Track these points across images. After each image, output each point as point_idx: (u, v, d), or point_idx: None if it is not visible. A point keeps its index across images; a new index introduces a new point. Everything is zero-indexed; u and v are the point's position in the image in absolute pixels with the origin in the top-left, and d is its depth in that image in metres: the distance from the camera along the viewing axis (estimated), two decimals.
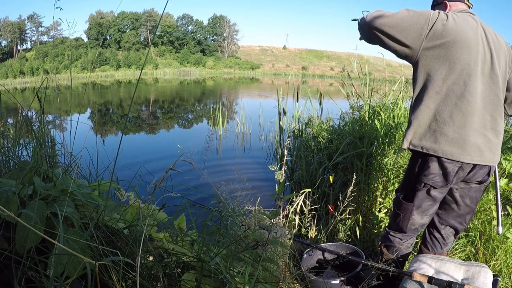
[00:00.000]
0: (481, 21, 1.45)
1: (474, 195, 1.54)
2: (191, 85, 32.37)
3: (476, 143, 1.37)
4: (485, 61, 1.37)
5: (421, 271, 1.48)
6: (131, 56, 54.12)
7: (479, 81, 1.35)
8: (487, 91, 1.37)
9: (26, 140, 1.62)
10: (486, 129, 1.39)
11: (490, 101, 1.38)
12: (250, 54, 70.23)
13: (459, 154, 1.36)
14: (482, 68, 1.36)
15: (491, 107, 1.39)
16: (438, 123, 1.37)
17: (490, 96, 1.38)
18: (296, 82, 5.04)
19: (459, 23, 1.34)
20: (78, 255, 0.68)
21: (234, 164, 4.65)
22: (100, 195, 1.23)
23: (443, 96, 1.36)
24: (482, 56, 1.36)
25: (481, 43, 1.37)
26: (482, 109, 1.37)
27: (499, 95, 1.41)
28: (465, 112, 1.34)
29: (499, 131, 1.43)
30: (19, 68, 44.53)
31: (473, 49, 1.34)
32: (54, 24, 47.43)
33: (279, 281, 1.20)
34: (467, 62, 1.33)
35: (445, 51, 1.34)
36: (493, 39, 1.42)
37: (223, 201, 1.41)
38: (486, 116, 1.38)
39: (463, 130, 1.35)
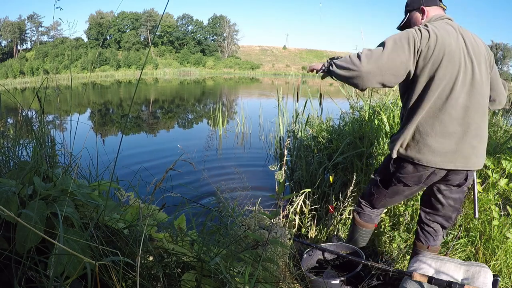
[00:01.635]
0: (459, 26, 1.50)
1: (457, 197, 1.63)
2: (191, 85, 32.37)
3: (455, 151, 1.46)
4: (466, 72, 1.43)
5: (421, 271, 1.48)
6: (131, 56, 54.12)
7: (461, 92, 1.42)
8: (469, 100, 1.44)
9: (26, 140, 1.62)
10: (469, 136, 1.46)
11: (473, 110, 1.45)
12: (250, 54, 70.24)
13: (442, 162, 1.47)
14: (463, 79, 1.42)
15: (474, 115, 1.45)
16: (421, 135, 1.48)
17: (473, 104, 1.45)
18: (296, 82, 5.04)
19: (441, 36, 1.39)
20: (78, 255, 0.68)
21: (234, 164, 4.65)
22: (100, 195, 1.23)
23: (426, 110, 1.45)
24: (463, 67, 1.42)
25: (462, 54, 1.42)
26: (464, 118, 1.45)
27: (481, 102, 1.47)
28: (447, 123, 1.44)
29: (483, 137, 1.51)
30: (19, 68, 44.53)
31: (455, 62, 1.40)
32: (54, 24, 47.43)
33: (279, 281, 1.20)
34: (450, 76, 1.40)
35: (430, 69, 1.40)
36: (472, 45, 1.46)
37: (223, 201, 1.41)
38: (469, 124, 1.45)
39: (444, 139, 1.45)
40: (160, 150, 6.03)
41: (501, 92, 1.65)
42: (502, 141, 2.99)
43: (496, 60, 9.07)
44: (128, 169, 1.84)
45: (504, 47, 49.69)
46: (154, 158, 5.22)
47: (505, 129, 3.37)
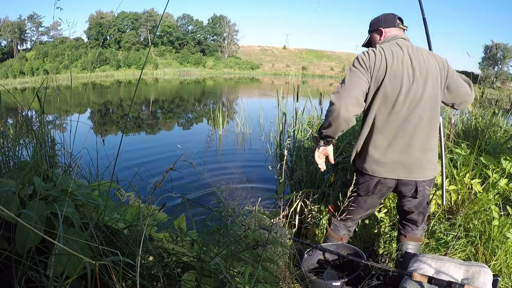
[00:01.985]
0: (411, 45, 1.62)
1: (417, 203, 1.77)
2: (191, 85, 32.36)
3: (398, 162, 1.60)
4: (410, 89, 1.53)
5: (421, 271, 1.48)
6: (131, 56, 54.10)
7: (403, 107, 1.54)
8: (411, 115, 1.55)
9: (26, 140, 1.62)
10: (411, 149, 1.59)
11: (415, 124, 1.57)
12: (250, 54, 70.20)
13: (385, 172, 1.62)
14: (405, 95, 1.53)
15: (416, 129, 1.57)
16: (368, 146, 1.65)
17: (415, 119, 1.56)
18: (296, 82, 5.03)
19: (385, 56, 1.53)
20: (78, 255, 0.68)
21: (234, 164, 4.65)
22: (100, 195, 1.23)
23: (371, 123, 1.62)
24: (406, 85, 1.53)
25: (406, 72, 1.53)
26: (406, 132, 1.57)
27: (424, 117, 1.57)
28: (389, 136, 1.58)
29: (428, 149, 1.62)
30: (19, 68, 44.49)
31: (397, 80, 1.52)
32: (54, 24, 47.42)
33: (279, 281, 1.20)
34: (392, 92, 1.53)
35: (374, 86, 1.55)
36: (420, 64, 1.56)
37: (223, 201, 1.41)
38: (411, 138, 1.58)
39: (386, 152, 1.60)
40: (160, 150, 6.02)
41: (464, 94, 1.72)
42: (502, 141, 2.99)
43: (496, 60, 9.01)
44: (128, 169, 1.84)
45: (504, 47, 49.62)
46: (154, 158, 5.22)
47: (505, 129, 3.36)
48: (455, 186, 2.46)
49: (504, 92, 5.99)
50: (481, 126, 3.27)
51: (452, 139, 3.04)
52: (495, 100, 4.33)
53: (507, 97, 5.28)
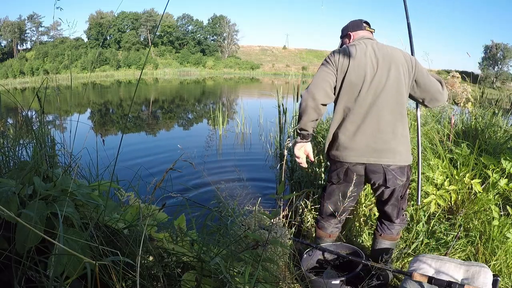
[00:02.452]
0: (376, 42, 1.77)
1: (390, 195, 1.82)
2: (191, 85, 32.36)
3: (366, 145, 1.67)
4: (374, 75, 1.64)
5: (421, 271, 1.49)
6: (131, 56, 54.09)
7: (368, 94, 1.64)
8: (377, 99, 1.64)
9: (26, 140, 1.62)
10: (380, 133, 1.66)
11: (381, 108, 1.65)
12: (250, 54, 70.18)
13: (354, 157, 1.70)
14: (370, 82, 1.64)
15: (383, 112, 1.65)
16: (338, 135, 1.74)
17: (381, 103, 1.64)
18: (296, 82, 5.03)
19: (348, 51, 1.67)
20: (78, 255, 0.68)
21: (234, 164, 4.65)
22: (100, 195, 1.23)
23: (341, 112, 1.72)
24: (370, 71, 1.64)
25: (369, 61, 1.65)
26: (373, 116, 1.65)
27: (390, 101, 1.66)
28: (356, 122, 1.67)
29: (396, 133, 1.69)
30: (19, 68, 44.47)
31: (361, 68, 1.64)
32: (54, 24, 47.40)
33: (279, 281, 1.20)
34: (356, 82, 1.64)
35: (339, 77, 1.67)
36: (384, 55, 1.68)
37: (223, 201, 1.41)
38: (379, 122, 1.66)
39: (354, 136, 1.68)
40: (160, 150, 6.02)
41: (434, 91, 1.79)
42: (502, 141, 2.99)
43: (496, 60, 9.03)
44: (128, 169, 1.84)
45: (504, 47, 49.60)
46: (154, 158, 5.22)
47: (505, 129, 3.36)
48: (455, 186, 2.46)
49: (504, 92, 5.99)
50: (481, 126, 3.27)
51: (452, 139, 3.04)
52: (495, 100, 4.33)
53: (507, 97, 5.28)
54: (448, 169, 2.59)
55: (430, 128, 3.10)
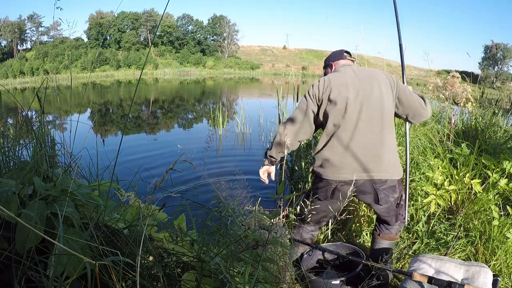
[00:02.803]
0: (356, 66, 1.88)
1: (387, 210, 1.85)
2: (191, 85, 32.36)
3: (355, 161, 1.69)
4: (357, 95, 1.70)
5: (421, 271, 1.48)
6: (131, 56, 54.07)
7: (354, 110, 1.69)
8: (362, 114, 1.69)
9: (26, 140, 1.62)
10: (369, 147, 1.70)
11: (367, 122, 1.69)
12: (250, 54, 70.15)
13: (340, 175, 1.71)
14: (354, 100, 1.69)
15: (369, 126, 1.70)
16: (326, 153, 1.76)
17: (367, 118, 1.69)
18: (296, 82, 5.03)
19: (329, 78, 1.76)
20: (78, 255, 0.68)
21: (234, 164, 4.65)
22: (100, 195, 1.23)
23: (329, 133, 1.74)
24: (353, 93, 1.70)
25: (350, 80, 1.72)
26: (360, 130, 1.69)
27: (374, 115, 1.71)
28: (345, 139, 1.69)
29: (386, 144, 1.73)
30: (19, 68, 44.46)
31: (343, 90, 1.70)
32: (54, 24, 47.35)
33: (279, 281, 1.20)
34: (341, 100, 1.69)
35: (325, 101, 1.74)
36: (365, 72, 1.78)
37: (223, 201, 1.41)
38: (364, 136, 1.69)
39: (344, 154, 1.70)
40: (160, 150, 6.03)
41: (416, 107, 1.82)
42: (502, 141, 2.99)
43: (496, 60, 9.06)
44: (128, 169, 1.84)
45: (504, 47, 49.60)
46: (154, 158, 5.22)
47: (505, 129, 3.36)
48: (455, 186, 2.46)
49: (504, 92, 5.98)
50: (481, 126, 3.27)
51: (452, 139, 3.04)
52: (495, 100, 4.33)
53: (507, 97, 5.28)
54: (448, 169, 2.59)
55: (430, 128, 3.10)
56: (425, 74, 22.84)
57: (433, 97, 3.81)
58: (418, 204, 2.50)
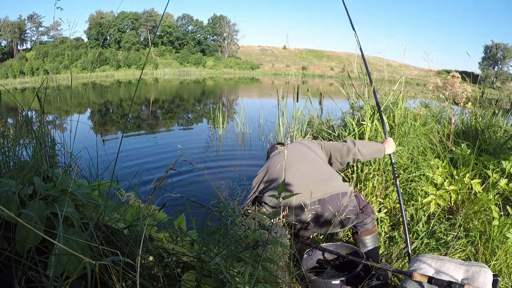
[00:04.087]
0: (293, 143, 2.23)
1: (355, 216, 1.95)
2: (191, 85, 32.36)
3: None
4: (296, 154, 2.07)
5: (421, 271, 1.48)
6: (131, 56, 54.06)
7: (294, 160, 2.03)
8: (293, 159, 2.03)
9: (26, 140, 1.62)
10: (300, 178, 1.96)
11: (298, 163, 2.02)
12: (250, 54, 70.12)
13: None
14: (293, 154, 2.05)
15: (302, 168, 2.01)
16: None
17: (296, 161, 2.03)
18: (296, 82, 5.03)
19: (264, 166, 2.14)
20: (78, 255, 0.68)
21: (234, 164, 4.65)
22: (100, 195, 1.23)
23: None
24: (293, 152, 2.06)
25: (291, 149, 2.08)
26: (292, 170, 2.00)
27: (304, 157, 2.07)
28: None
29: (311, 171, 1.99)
30: (19, 68, 44.44)
31: (278, 160, 2.04)
32: (54, 24, 47.30)
33: (279, 281, 1.20)
34: (278, 168, 1.98)
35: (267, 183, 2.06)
36: (300, 143, 2.20)
37: (223, 201, 1.40)
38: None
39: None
40: (160, 150, 6.02)
41: (340, 157, 2.16)
42: (502, 141, 2.99)
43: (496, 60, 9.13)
44: (128, 169, 1.84)
45: (504, 47, 49.60)
46: (154, 158, 5.22)
47: (505, 129, 3.36)
48: (455, 186, 2.46)
49: (504, 92, 5.98)
50: (481, 126, 3.27)
51: (452, 139, 3.04)
52: (495, 100, 4.33)
53: (507, 97, 5.28)
54: (448, 169, 2.59)
55: (430, 128, 3.10)
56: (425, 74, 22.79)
57: (433, 97, 3.81)
58: (418, 204, 2.50)
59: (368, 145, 2.21)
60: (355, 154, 2.13)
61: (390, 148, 2.26)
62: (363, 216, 2.00)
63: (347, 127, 3.20)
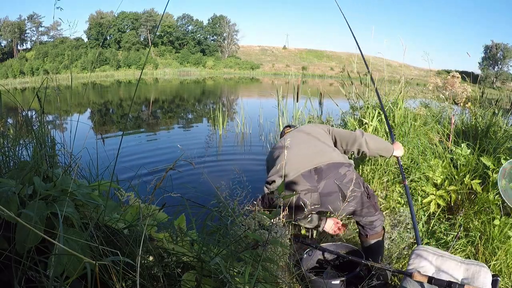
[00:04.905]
0: (298, 128, 2.28)
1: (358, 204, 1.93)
2: (191, 85, 32.37)
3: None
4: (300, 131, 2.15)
5: (422, 270, 1.48)
6: (131, 56, 54.06)
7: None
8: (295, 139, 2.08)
9: (26, 140, 1.62)
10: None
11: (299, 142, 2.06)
12: (250, 54, 70.10)
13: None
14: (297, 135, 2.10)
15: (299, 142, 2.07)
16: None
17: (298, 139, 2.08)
18: (296, 82, 5.04)
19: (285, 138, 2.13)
20: (78, 255, 0.68)
21: (234, 164, 4.65)
22: (100, 195, 1.23)
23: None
24: (297, 133, 2.13)
25: (295, 131, 2.16)
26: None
27: (304, 137, 2.09)
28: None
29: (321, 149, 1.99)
30: (19, 68, 44.43)
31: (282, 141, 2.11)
32: (54, 24, 47.27)
33: (279, 281, 1.20)
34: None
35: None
36: (305, 127, 2.23)
37: (223, 201, 1.40)
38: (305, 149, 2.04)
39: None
40: (160, 150, 6.02)
41: (346, 144, 2.09)
42: (502, 141, 2.99)
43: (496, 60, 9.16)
44: (128, 169, 1.84)
45: (504, 47, 49.62)
46: (154, 158, 5.22)
47: (505, 129, 3.36)
48: (455, 186, 2.45)
49: (504, 92, 5.98)
50: (481, 126, 3.26)
51: (452, 139, 3.04)
52: (495, 100, 4.33)
53: (507, 97, 5.28)
54: (448, 169, 2.59)
55: (430, 128, 3.10)
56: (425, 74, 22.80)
57: (433, 97, 3.81)
58: (418, 204, 2.50)
59: (377, 140, 2.13)
60: (361, 145, 2.04)
61: (399, 151, 2.19)
62: (369, 211, 1.93)
63: (347, 127, 3.20)
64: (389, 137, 2.35)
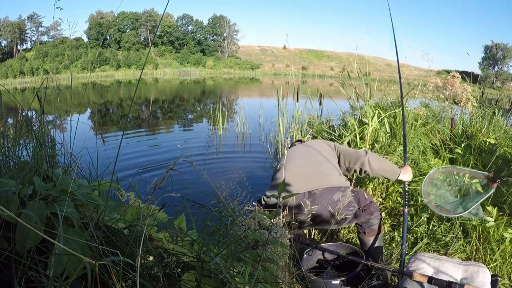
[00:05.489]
0: (305, 143, 2.33)
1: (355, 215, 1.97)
2: (191, 85, 32.37)
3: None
4: (303, 149, 2.19)
5: (421, 271, 1.49)
6: (131, 56, 54.08)
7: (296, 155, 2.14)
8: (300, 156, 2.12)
9: (26, 140, 1.62)
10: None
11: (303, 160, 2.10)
12: (250, 54, 70.11)
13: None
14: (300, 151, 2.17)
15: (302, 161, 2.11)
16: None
17: (304, 156, 2.12)
18: (296, 82, 5.04)
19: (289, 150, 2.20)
20: (78, 255, 0.68)
21: (234, 164, 4.65)
22: (100, 195, 1.23)
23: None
24: (299, 148, 2.20)
25: (298, 147, 2.24)
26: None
27: (311, 155, 2.11)
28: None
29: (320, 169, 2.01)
30: (19, 68, 44.46)
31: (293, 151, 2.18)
32: (54, 24, 47.27)
33: (279, 281, 1.20)
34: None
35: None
36: (310, 142, 2.28)
37: (223, 201, 1.40)
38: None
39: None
40: (160, 150, 6.02)
41: (348, 162, 2.09)
42: (502, 141, 2.99)
43: (496, 60, 9.18)
44: (128, 169, 1.84)
45: (504, 47, 49.62)
46: (154, 158, 5.22)
47: (505, 129, 3.36)
48: None
49: (504, 92, 5.98)
50: (481, 126, 3.26)
51: (452, 139, 3.04)
52: (495, 100, 4.33)
53: (507, 97, 5.28)
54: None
55: (430, 128, 3.10)
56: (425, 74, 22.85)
57: (433, 97, 3.81)
58: (418, 204, 2.50)
59: (381, 161, 2.07)
60: (363, 164, 2.01)
61: (407, 175, 2.09)
62: (366, 216, 1.98)
63: (347, 127, 3.20)
64: (403, 158, 2.24)
